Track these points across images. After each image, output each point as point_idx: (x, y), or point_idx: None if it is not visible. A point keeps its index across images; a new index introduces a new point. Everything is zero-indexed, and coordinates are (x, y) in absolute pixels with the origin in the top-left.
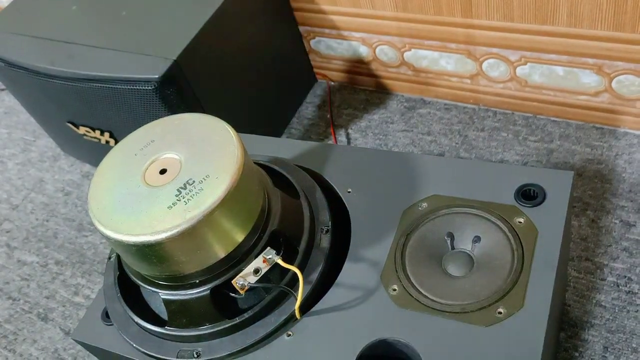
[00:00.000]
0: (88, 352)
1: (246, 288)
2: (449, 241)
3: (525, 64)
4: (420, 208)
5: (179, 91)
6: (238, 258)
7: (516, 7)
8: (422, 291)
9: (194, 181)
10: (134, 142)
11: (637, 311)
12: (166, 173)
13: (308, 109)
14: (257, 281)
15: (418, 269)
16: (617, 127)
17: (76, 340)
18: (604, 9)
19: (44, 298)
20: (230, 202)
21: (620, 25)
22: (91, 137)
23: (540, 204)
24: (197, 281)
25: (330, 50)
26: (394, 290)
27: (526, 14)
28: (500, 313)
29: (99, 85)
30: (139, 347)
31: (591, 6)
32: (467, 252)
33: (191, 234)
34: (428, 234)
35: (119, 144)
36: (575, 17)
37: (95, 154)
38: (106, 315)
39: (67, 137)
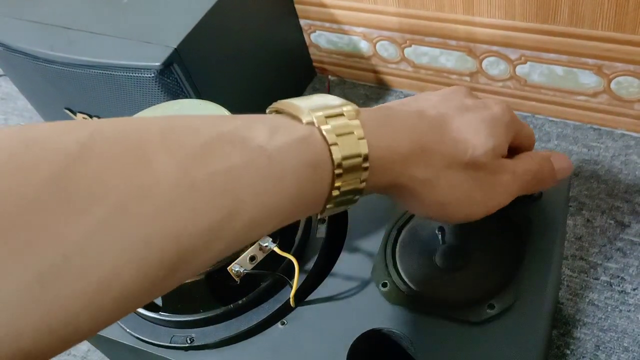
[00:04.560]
0: None
1: (241, 275)
2: (440, 235)
3: (525, 62)
4: None
5: (178, 80)
6: None
7: (518, 5)
8: (412, 286)
9: None
10: None
11: (629, 311)
12: None
13: None
14: (253, 269)
15: (409, 263)
16: (614, 129)
17: None
18: (605, 9)
19: None
20: None
21: (621, 26)
22: None
23: (536, 200)
24: None
25: (331, 45)
26: (384, 285)
27: (528, 12)
28: (492, 308)
29: (98, 71)
30: (132, 332)
31: (593, 6)
32: (460, 246)
33: None
34: (419, 228)
35: None
36: (576, 16)
37: None
38: None
39: None
